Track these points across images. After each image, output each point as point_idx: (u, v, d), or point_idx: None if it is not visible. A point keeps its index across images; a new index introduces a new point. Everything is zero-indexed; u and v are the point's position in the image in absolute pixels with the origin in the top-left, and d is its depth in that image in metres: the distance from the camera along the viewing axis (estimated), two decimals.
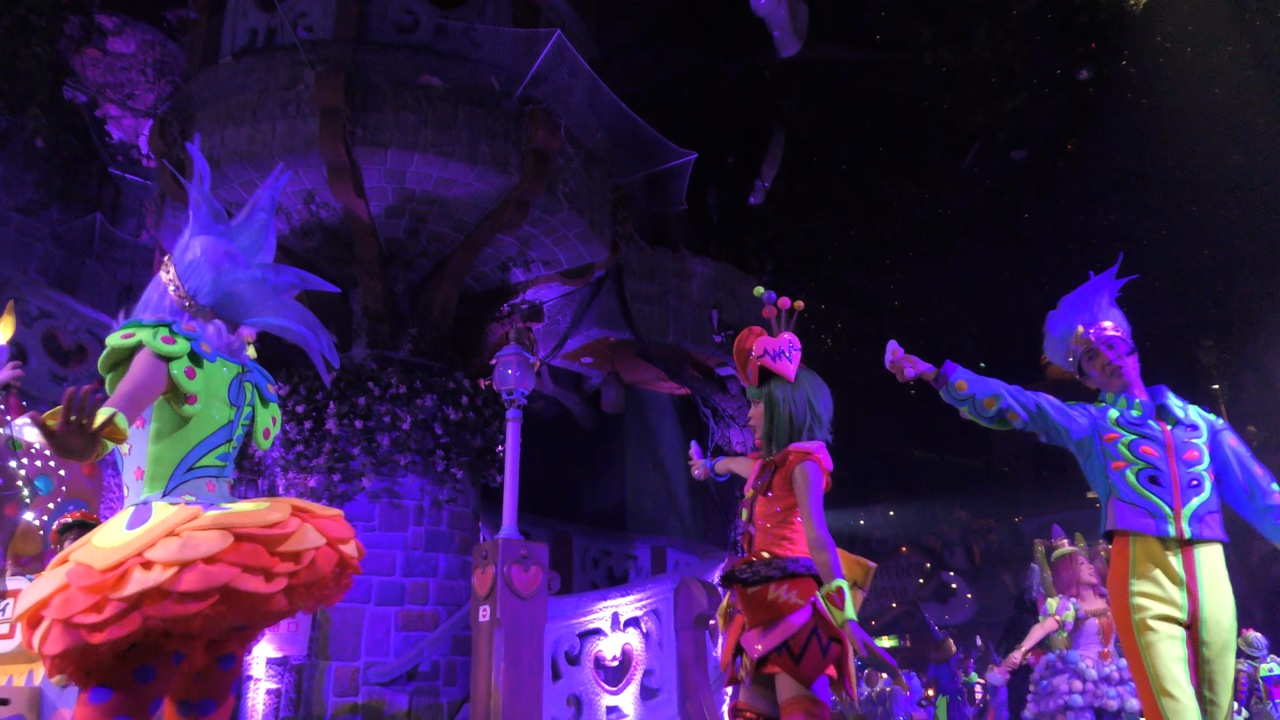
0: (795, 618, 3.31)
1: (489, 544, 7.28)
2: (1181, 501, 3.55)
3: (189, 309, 2.87)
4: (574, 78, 8.85)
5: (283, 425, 8.32)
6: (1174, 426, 3.68)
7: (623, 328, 11.10)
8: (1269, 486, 3.60)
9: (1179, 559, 3.50)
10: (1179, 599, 3.47)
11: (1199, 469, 3.59)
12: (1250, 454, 3.67)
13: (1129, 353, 3.83)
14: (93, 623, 2.31)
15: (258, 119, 8.03)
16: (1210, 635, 3.44)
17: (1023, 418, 3.76)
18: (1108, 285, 4.00)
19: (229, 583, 2.41)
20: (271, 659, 8.20)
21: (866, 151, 19.13)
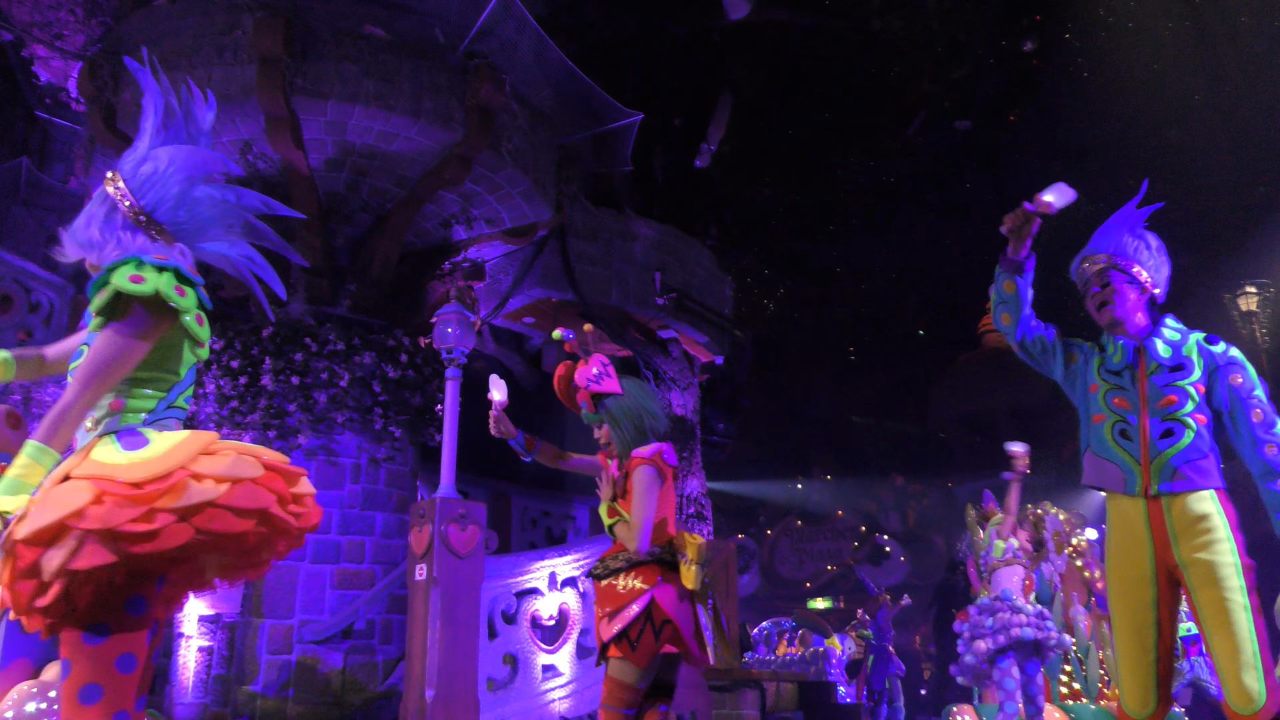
0: (634, 605, 3.77)
1: (426, 503, 7.24)
2: (1150, 454, 3.38)
3: (144, 225, 2.64)
4: (520, 34, 8.71)
5: (217, 380, 8.18)
6: (1154, 371, 3.46)
7: (565, 288, 11.05)
8: (1262, 435, 3.33)
9: (1145, 514, 3.39)
10: (1148, 555, 3.38)
11: (1179, 414, 3.38)
12: (1252, 393, 3.38)
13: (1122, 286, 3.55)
14: (143, 531, 2.21)
15: (193, 64, 7.79)
16: (1196, 581, 3.28)
17: (1017, 336, 3.70)
18: (1126, 215, 3.67)
19: (267, 507, 2.38)
20: (204, 616, 8.11)
21: (813, 117, 19.17)
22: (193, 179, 2.69)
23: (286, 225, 8.86)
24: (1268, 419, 3.34)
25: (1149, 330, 3.54)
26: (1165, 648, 3.37)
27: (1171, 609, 3.39)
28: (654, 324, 12.49)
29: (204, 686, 7.98)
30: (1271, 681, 3.12)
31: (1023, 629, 6.75)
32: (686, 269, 12.44)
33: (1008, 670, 6.75)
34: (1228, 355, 3.45)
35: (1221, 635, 3.20)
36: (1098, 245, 3.67)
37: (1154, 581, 3.37)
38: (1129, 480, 3.42)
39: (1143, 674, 3.36)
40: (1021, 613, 6.83)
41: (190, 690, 7.98)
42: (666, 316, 12.12)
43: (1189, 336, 3.51)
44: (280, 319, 8.52)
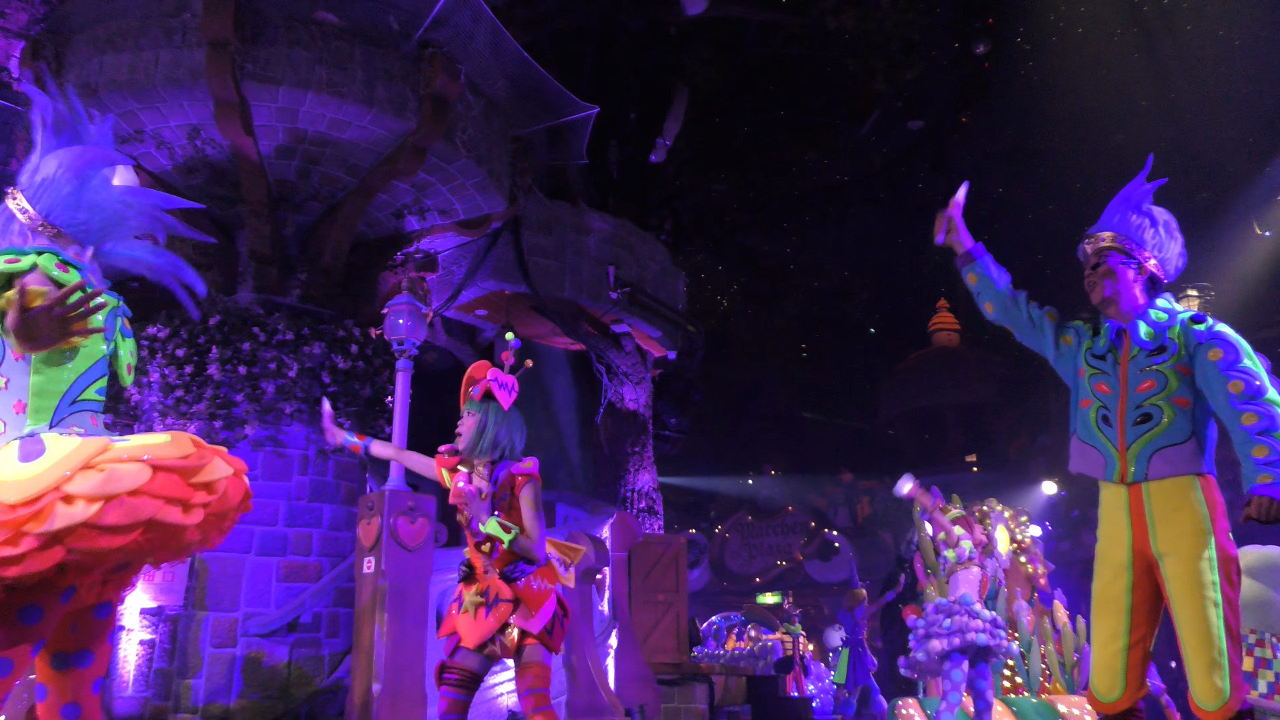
0: (550, 603, 4.30)
1: (375, 495, 7.18)
2: (1127, 440, 3.34)
3: (44, 231, 2.64)
4: (476, 23, 8.64)
5: (162, 369, 8.04)
6: (1135, 355, 3.39)
7: (518, 281, 11.00)
8: (1238, 406, 3.18)
9: (1126, 501, 3.35)
10: (1126, 543, 3.35)
11: (1156, 399, 3.32)
12: (1234, 365, 3.23)
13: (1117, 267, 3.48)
14: (9, 556, 2.22)
15: (140, 46, 7.63)
16: (1170, 570, 3.25)
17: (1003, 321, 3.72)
18: (1130, 192, 3.61)
19: (153, 516, 2.35)
20: (146, 609, 7.97)
21: (768, 114, 19.27)
22: (85, 177, 2.67)
23: (234, 213, 8.74)
24: (1249, 389, 3.18)
25: (1137, 312, 3.47)
26: (1138, 635, 3.33)
27: (1148, 599, 3.34)
28: (607, 318, 12.48)
29: (145, 680, 7.86)
30: (1236, 679, 3.09)
31: (977, 634, 6.84)
32: (640, 263, 12.44)
33: (956, 664, 6.85)
34: (1208, 331, 3.33)
35: (1191, 631, 3.16)
36: (1101, 223, 3.62)
37: (1130, 569, 3.34)
38: (1109, 467, 3.39)
39: (1111, 659, 3.34)
40: (978, 618, 6.92)
41: (131, 684, 7.84)
42: (619, 310, 12.11)
43: (1176, 317, 3.42)
44: (228, 307, 8.39)
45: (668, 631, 10.63)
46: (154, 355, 8.09)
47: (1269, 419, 3.12)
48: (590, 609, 8.31)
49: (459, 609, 4.36)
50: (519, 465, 4.33)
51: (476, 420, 4.33)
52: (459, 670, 4.26)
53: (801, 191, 21.17)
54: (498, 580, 4.29)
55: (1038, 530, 11.22)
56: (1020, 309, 3.70)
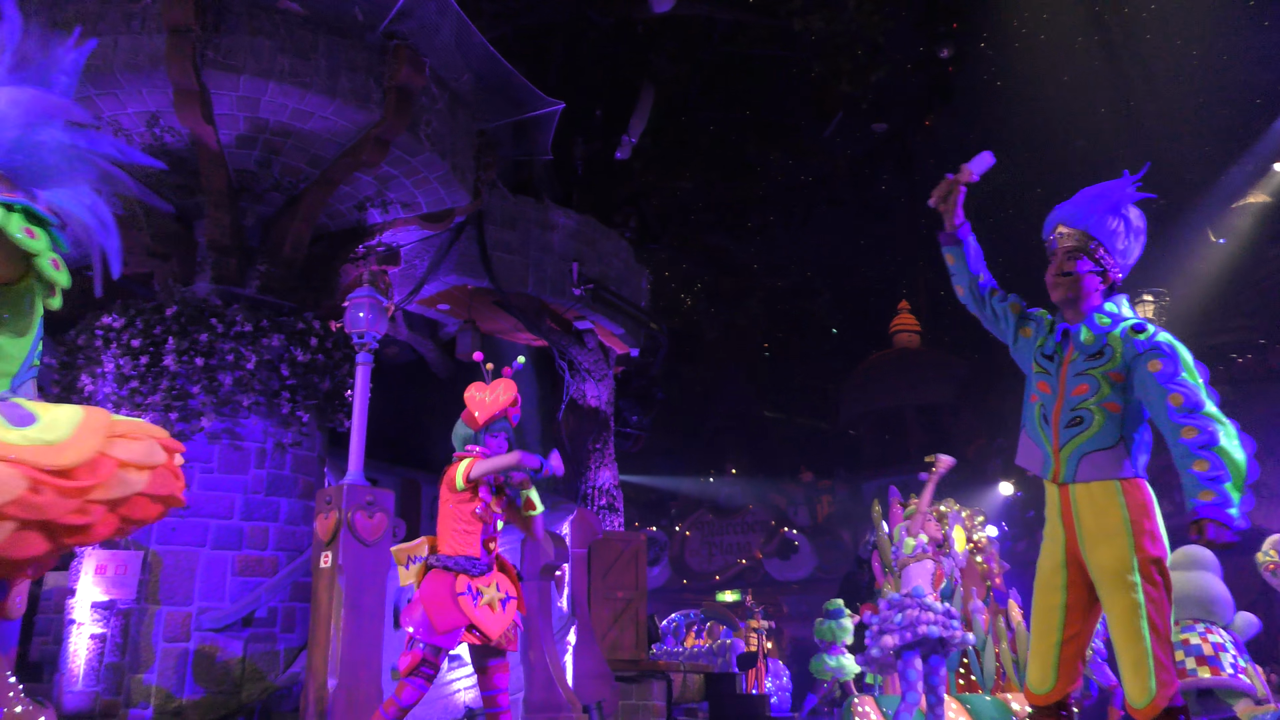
0: None
1: (333, 489, 7.12)
2: (1060, 441, 3.38)
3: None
4: (442, 16, 8.58)
5: (117, 360, 7.92)
6: (1074, 358, 3.40)
7: (481, 276, 10.95)
8: (1178, 420, 3.17)
9: (1059, 501, 3.41)
10: (1060, 542, 3.40)
11: (1088, 403, 3.34)
12: (1173, 378, 3.21)
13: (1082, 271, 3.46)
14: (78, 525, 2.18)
15: (99, 31, 7.49)
16: (1094, 574, 3.30)
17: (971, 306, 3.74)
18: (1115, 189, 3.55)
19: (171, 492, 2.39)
20: (97, 603, 7.84)
21: (734, 113, 19.31)
22: (32, 124, 2.45)
23: (194, 202, 8.63)
24: (1189, 403, 3.17)
25: (1087, 313, 3.46)
26: (1071, 632, 3.38)
27: (1082, 597, 3.38)
28: (570, 314, 12.45)
29: (95, 675, 7.73)
30: (1163, 677, 3.13)
31: (929, 627, 6.88)
32: (604, 260, 12.43)
33: (910, 662, 6.89)
34: (1150, 341, 3.31)
35: (1117, 631, 3.22)
36: (1077, 215, 3.56)
37: (1064, 567, 3.39)
38: (1045, 466, 3.44)
39: (1045, 653, 3.40)
40: (930, 610, 6.96)
41: (81, 679, 7.72)
42: (583, 307, 12.10)
43: (1119, 323, 3.42)
44: (185, 298, 8.28)
45: (627, 629, 10.64)
46: (108, 345, 7.97)
47: (1207, 433, 3.13)
48: (549, 605, 8.29)
49: (478, 602, 4.45)
50: None
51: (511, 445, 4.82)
52: (435, 666, 4.42)
53: (766, 191, 21.24)
54: (504, 576, 4.60)
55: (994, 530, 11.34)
56: (985, 300, 3.71)
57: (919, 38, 18.29)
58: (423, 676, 4.40)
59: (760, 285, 26.76)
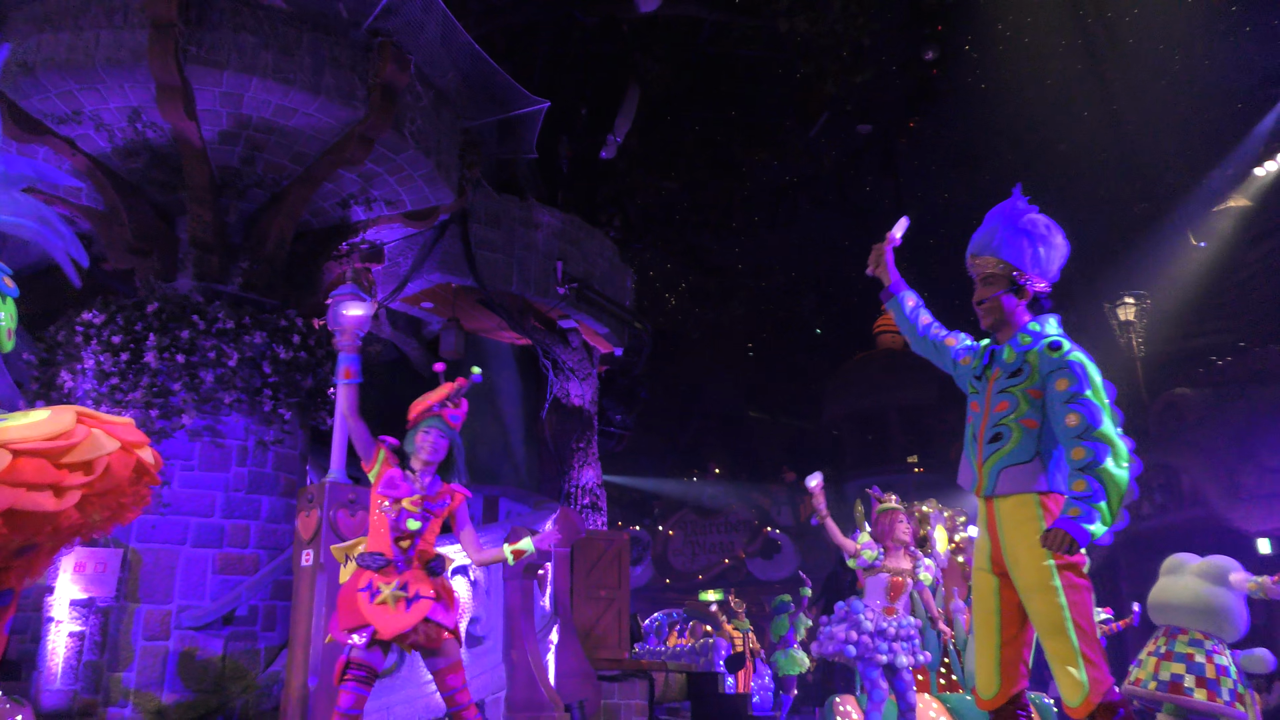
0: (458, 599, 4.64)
1: (315, 487, 7.08)
2: (982, 455, 3.53)
3: None
4: (427, 13, 8.56)
5: (97, 356, 7.87)
6: (997, 377, 3.58)
7: (465, 274, 10.92)
8: (1069, 441, 3.33)
9: (984, 514, 3.57)
10: (987, 552, 3.57)
11: (1008, 419, 3.48)
12: (1076, 397, 3.35)
13: (997, 293, 3.62)
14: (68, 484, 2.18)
15: (80, 25, 7.45)
16: (1016, 582, 3.45)
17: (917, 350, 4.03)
18: (1009, 209, 3.72)
19: (12, 505, 2.22)
20: (76, 600, 7.78)
21: (719, 113, 19.33)
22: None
23: (176, 199, 8.58)
24: (1084, 424, 3.30)
25: (1013, 334, 3.63)
26: (1009, 635, 3.52)
27: (1015, 600, 3.51)
28: (554, 313, 12.44)
29: (74, 673, 7.67)
30: (1094, 673, 3.24)
31: (846, 645, 6.81)
32: (588, 259, 12.42)
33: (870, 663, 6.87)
34: (1060, 360, 3.43)
35: (1044, 636, 3.35)
36: (984, 243, 3.72)
37: (994, 575, 3.56)
38: (972, 480, 3.61)
39: (987, 659, 3.55)
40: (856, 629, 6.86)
41: (59, 677, 7.66)
42: (567, 306, 12.09)
43: (1040, 341, 3.55)
44: (167, 294, 8.24)
45: (609, 628, 10.63)
46: (89, 341, 7.91)
47: (1093, 456, 3.25)
48: (531, 604, 8.28)
49: (372, 600, 4.43)
50: (457, 485, 4.74)
51: (449, 443, 4.70)
52: (367, 668, 4.42)
53: (751, 191, 21.29)
54: (419, 574, 4.52)
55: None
56: (927, 341, 3.99)
57: (904, 40, 18.37)
58: (355, 680, 4.42)
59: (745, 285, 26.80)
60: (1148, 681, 7.20)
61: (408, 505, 4.58)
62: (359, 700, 4.36)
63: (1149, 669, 7.29)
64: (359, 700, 4.36)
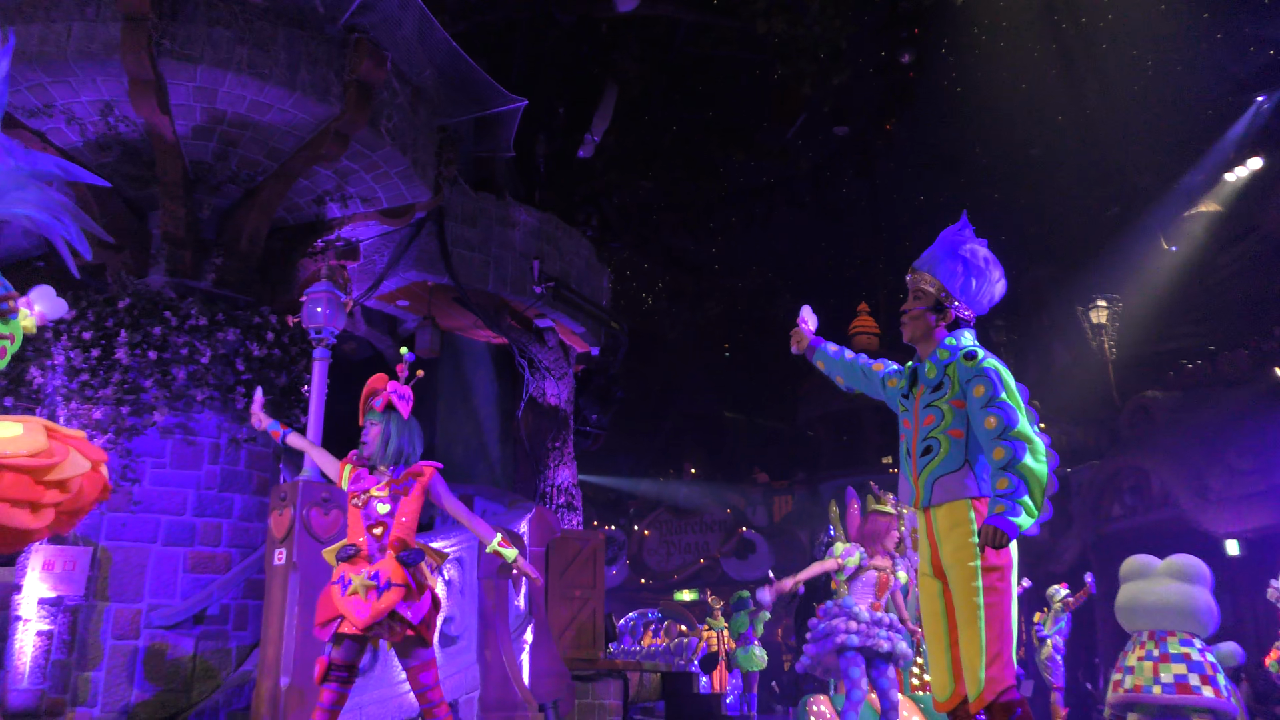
0: (429, 594, 4.53)
1: (288, 485, 7.04)
2: (917, 469, 3.70)
3: None
4: (404, 10, 8.52)
5: (67, 352, 7.79)
6: (921, 393, 3.76)
7: (442, 272, 10.89)
8: (989, 442, 3.49)
9: (924, 524, 3.73)
10: (929, 557, 3.73)
11: (936, 432, 3.65)
12: (992, 400, 3.51)
13: (918, 308, 3.82)
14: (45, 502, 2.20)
15: (51, 17, 7.36)
16: (952, 585, 3.60)
17: (849, 388, 4.21)
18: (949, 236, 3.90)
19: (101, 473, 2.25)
20: (44, 599, 7.69)
21: (697, 114, 19.36)
22: None
23: (148, 193, 8.50)
24: (1001, 425, 3.46)
25: (930, 352, 3.81)
26: (957, 637, 3.62)
27: None
28: (531, 312, 12.42)
29: (41, 672, 7.59)
30: (992, 672, 3.40)
31: (848, 636, 6.86)
32: (565, 258, 12.41)
33: (852, 663, 6.90)
34: (977, 369, 3.61)
35: (963, 633, 3.52)
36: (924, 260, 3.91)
37: (936, 579, 3.71)
38: (910, 494, 3.75)
39: (939, 662, 3.67)
40: (855, 619, 6.93)
41: (27, 676, 7.57)
42: (543, 305, 12.07)
43: (957, 354, 3.72)
44: (139, 290, 8.16)
45: (584, 627, 10.62)
46: (59, 337, 7.83)
47: (1012, 454, 3.42)
48: (506, 604, 8.27)
49: (344, 591, 4.43)
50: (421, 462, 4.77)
51: (380, 430, 4.72)
52: (348, 667, 4.45)
53: (728, 192, 21.33)
54: (393, 564, 4.47)
55: None
56: (856, 369, 4.19)
57: (881, 43, 18.46)
58: (337, 680, 4.44)
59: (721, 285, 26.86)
60: (1150, 686, 7.17)
61: (375, 493, 4.64)
62: (340, 699, 4.38)
63: (1146, 674, 7.26)
64: (340, 699, 4.38)
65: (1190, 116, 21.98)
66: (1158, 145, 22.49)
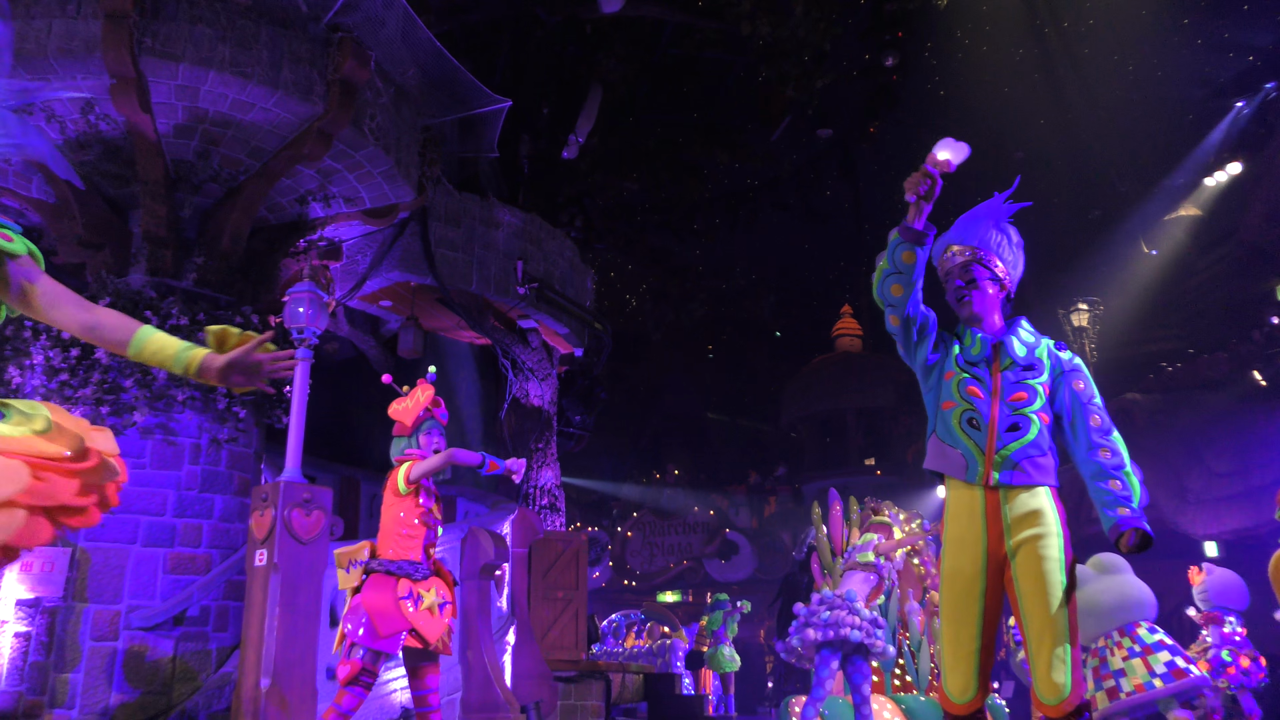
0: None
1: (269, 486, 7.01)
2: (996, 445, 3.42)
3: None
4: (388, 10, 8.50)
5: (46, 351, 7.73)
6: (1008, 367, 3.51)
7: (425, 272, 10.86)
8: (1097, 440, 3.41)
9: (983, 504, 3.43)
10: (981, 546, 3.42)
11: (1027, 410, 3.44)
12: (1091, 400, 3.48)
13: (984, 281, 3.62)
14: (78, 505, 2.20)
15: (31, 14, 7.31)
16: (1023, 574, 3.35)
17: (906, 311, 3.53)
18: (993, 207, 3.71)
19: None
20: (22, 600, 7.64)
21: (681, 115, 19.38)
22: None
23: (129, 192, 8.44)
24: (1104, 425, 3.45)
25: (1004, 328, 3.62)
26: (989, 638, 3.42)
27: (998, 601, 3.44)
28: (514, 313, 12.40)
29: (20, 674, 7.53)
30: (1077, 675, 3.22)
31: (852, 630, 6.93)
32: (549, 259, 12.39)
33: (826, 661, 6.95)
34: (1073, 362, 3.57)
35: (1038, 628, 3.28)
36: (964, 235, 3.70)
37: (984, 573, 3.42)
38: (970, 468, 3.45)
39: (965, 662, 3.42)
40: (857, 615, 7.02)
41: (4, 678, 7.51)
42: (527, 306, 12.05)
43: (1041, 340, 3.62)
44: (119, 289, 8.11)
45: (566, 629, 10.61)
46: (38, 336, 7.77)
47: (1119, 456, 3.39)
48: (488, 605, 8.25)
49: (418, 606, 4.56)
50: None
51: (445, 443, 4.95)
52: (374, 674, 4.53)
53: (712, 194, 21.37)
54: (441, 581, 4.72)
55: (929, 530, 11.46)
56: (913, 309, 3.61)
57: (865, 46, 18.51)
58: (363, 685, 4.46)
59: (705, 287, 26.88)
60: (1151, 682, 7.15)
61: (436, 513, 4.82)
62: (359, 704, 4.45)
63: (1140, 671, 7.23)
64: (359, 704, 4.45)
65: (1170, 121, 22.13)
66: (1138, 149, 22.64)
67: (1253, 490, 14.71)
